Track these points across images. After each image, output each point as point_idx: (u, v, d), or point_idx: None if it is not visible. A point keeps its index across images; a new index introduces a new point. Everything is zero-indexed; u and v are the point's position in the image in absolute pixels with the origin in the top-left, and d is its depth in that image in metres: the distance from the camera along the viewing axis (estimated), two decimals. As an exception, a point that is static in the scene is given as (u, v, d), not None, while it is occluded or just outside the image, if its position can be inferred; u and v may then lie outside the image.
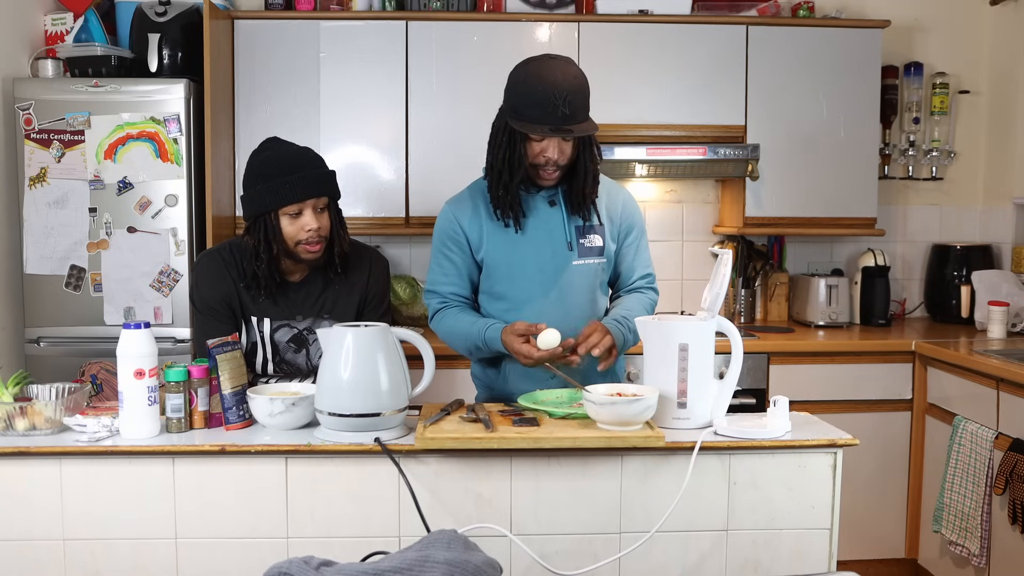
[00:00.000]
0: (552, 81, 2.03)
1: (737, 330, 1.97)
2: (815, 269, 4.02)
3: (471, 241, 2.25)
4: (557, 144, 2.10)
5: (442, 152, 3.57)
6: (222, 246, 2.34)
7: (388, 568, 1.27)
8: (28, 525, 1.84)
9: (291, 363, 2.32)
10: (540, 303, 2.22)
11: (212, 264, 2.29)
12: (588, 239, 2.23)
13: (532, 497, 1.86)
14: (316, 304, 2.30)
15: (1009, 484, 2.83)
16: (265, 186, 2.16)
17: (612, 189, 2.32)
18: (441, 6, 3.59)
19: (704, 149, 3.53)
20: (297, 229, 2.18)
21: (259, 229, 2.18)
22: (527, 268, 2.22)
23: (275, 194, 2.16)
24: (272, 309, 2.28)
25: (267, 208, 2.17)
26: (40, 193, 3.21)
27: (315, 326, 2.28)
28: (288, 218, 2.17)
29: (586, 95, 2.09)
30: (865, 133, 3.71)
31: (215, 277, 2.26)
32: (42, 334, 3.26)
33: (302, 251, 2.20)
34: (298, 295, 2.29)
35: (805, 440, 1.88)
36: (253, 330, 2.28)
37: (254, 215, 2.19)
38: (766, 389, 3.42)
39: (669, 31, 3.59)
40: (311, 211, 2.18)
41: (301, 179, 2.18)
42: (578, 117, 2.06)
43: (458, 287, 2.28)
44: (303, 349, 2.30)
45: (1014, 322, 3.60)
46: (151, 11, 3.41)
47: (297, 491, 1.85)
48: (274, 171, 2.17)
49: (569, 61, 2.11)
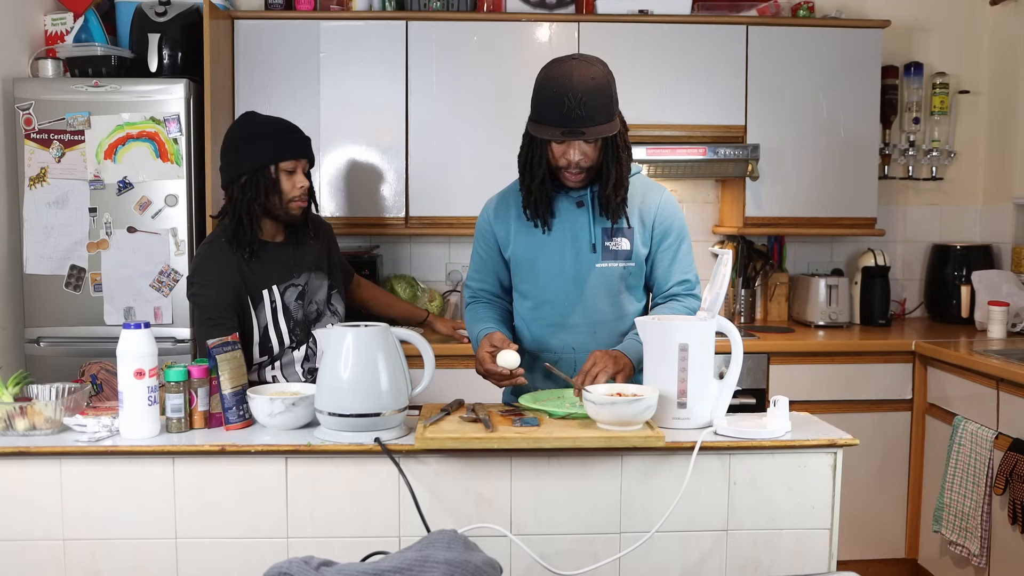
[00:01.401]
0: (567, 83, 2.01)
1: (737, 330, 1.97)
2: (815, 269, 4.02)
3: (499, 239, 2.29)
4: (577, 146, 2.08)
5: (442, 152, 3.57)
6: (211, 241, 2.43)
7: (388, 568, 1.27)
8: (28, 525, 1.84)
9: (300, 322, 2.43)
10: (561, 303, 2.23)
11: (213, 263, 2.35)
12: (615, 242, 2.20)
13: (532, 497, 1.86)
14: (304, 261, 2.45)
15: (1009, 484, 2.83)
16: (263, 142, 2.33)
17: (650, 191, 2.25)
18: (441, 6, 3.59)
19: (704, 149, 3.53)
20: (291, 185, 2.35)
21: (256, 183, 2.32)
22: (550, 268, 2.22)
23: (277, 149, 2.33)
24: (273, 274, 2.39)
25: (268, 161, 2.31)
26: (40, 193, 3.21)
27: (310, 280, 2.45)
28: (285, 174, 2.34)
29: (606, 96, 2.04)
30: (865, 133, 3.71)
31: (222, 272, 2.33)
32: (42, 334, 3.26)
33: (294, 207, 2.37)
34: (285, 255, 2.43)
35: (805, 440, 1.88)
36: (265, 310, 2.36)
37: (252, 169, 2.32)
38: (766, 389, 3.42)
39: (669, 31, 3.59)
40: (301, 171, 2.38)
41: (298, 139, 2.40)
42: (596, 119, 2.02)
43: (486, 283, 2.36)
44: (303, 303, 2.44)
45: (1014, 322, 3.60)
46: (151, 11, 3.41)
47: (297, 491, 1.85)
48: (269, 131, 2.37)
49: (593, 62, 2.08)
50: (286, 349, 2.41)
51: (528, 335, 2.29)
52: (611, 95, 2.07)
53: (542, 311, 2.25)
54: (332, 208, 3.56)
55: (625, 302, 2.25)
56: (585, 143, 2.08)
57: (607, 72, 2.08)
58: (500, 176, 3.55)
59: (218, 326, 2.26)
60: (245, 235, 2.33)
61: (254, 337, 2.36)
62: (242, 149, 2.34)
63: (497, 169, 3.57)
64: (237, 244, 2.34)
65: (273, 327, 2.38)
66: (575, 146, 2.08)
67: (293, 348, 2.42)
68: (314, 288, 2.46)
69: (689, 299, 2.24)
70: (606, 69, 2.09)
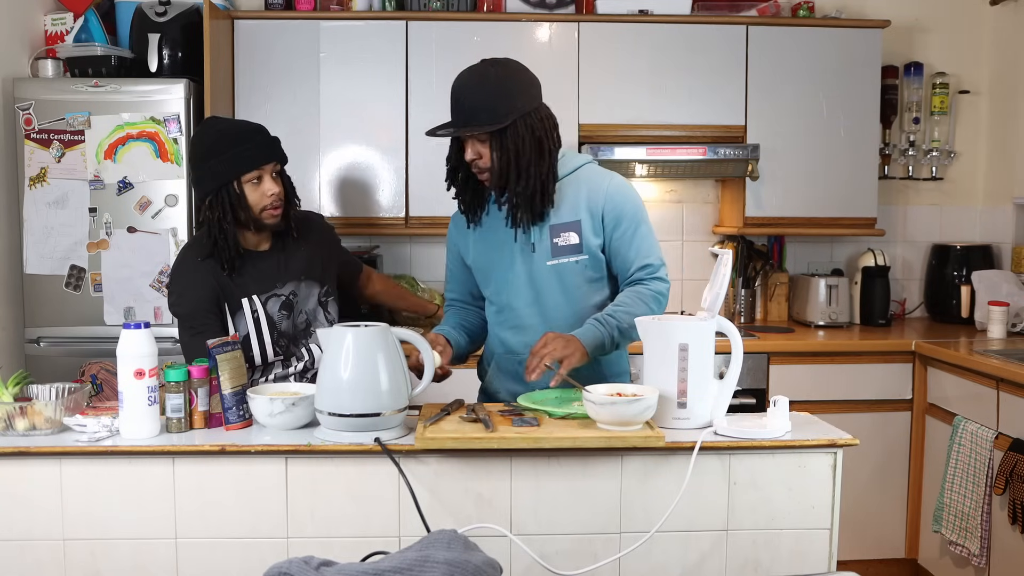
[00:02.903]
0: (457, 84, 2.10)
1: (737, 330, 1.97)
2: (815, 269, 4.02)
3: (460, 249, 2.34)
4: (471, 146, 2.11)
5: (442, 152, 3.49)
6: (186, 248, 2.42)
7: (388, 568, 1.27)
8: (28, 525, 1.84)
9: (286, 334, 2.37)
10: (519, 305, 2.23)
11: (188, 270, 2.33)
12: (562, 237, 2.17)
13: (532, 497, 1.86)
14: (289, 269, 2.38)
15: (1009, 484, 2.83)
16: (220, 158, 2.25)
17: (595, 180, 2.20)
18: (441, 6, 3.59)
19: (704, 149, 3.53)
20: (260, 196, 2.27)
21: (222, 202, 2.25)
22: (504, 272, 2.23)
23: (235, 163, 2.25)
24: (254, 284, 2.33)
25: (229, 178, 2.24)
26: (40, 193, 3.21)
27: (297, 290, 2.38)
28: (250, 186, 2.26)
29: (493, 95, 2.05)
30: (865, 133, 3.71)
31: (196, 282, 2.30)
32: (42, 334, 3.26)
33: (267, 216, 2.30)
34: (269, 264, 2.37)
35: (805, 440, 1.88)
36: (245, 319, 2.31)
37: (215, 188, 2.25)
38: (766, 389, 3.42)
39: (669, 31, 3.59)
40: (268, 177, 2.29)
41: (255, 147, 2.29)
42: (479, 117, 2.04)
43: (455, 292, 2.41)
44: (290, 313, 2.38)
45: (1014, 322, 3.60)
46: (151, 11, 3.41)
47: (297, 491, 1.85)
48: (226, 144, 2.26)
49: (498, 63, 2.10)
50: (270, 364, 2.35)
51: (496, 339, 2.31)
52: (505, 94, 2.05)
53: (503, 315, 2.26)
54: (332, 208, 3.56)
55: (589, 295, 2.21)
56: (479, 142, 2.09)
57: (508, 74, 2.08)
58: (500, 176, 3.57)
59: (200, 334, 2.22)
60: (224, 252, 2.27)
61: None
62: (202, 167, 2.28)
63: (497, 169, 3.57)
64: (218, 262, 2.29)
65: (256, 338, 2.32)
66: (470, 145, 2.11)
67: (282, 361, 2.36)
68: (303, 297, 2.39)
69: (654, 282, 2.17)
70: (507, 71, 2.09)
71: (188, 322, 2.29)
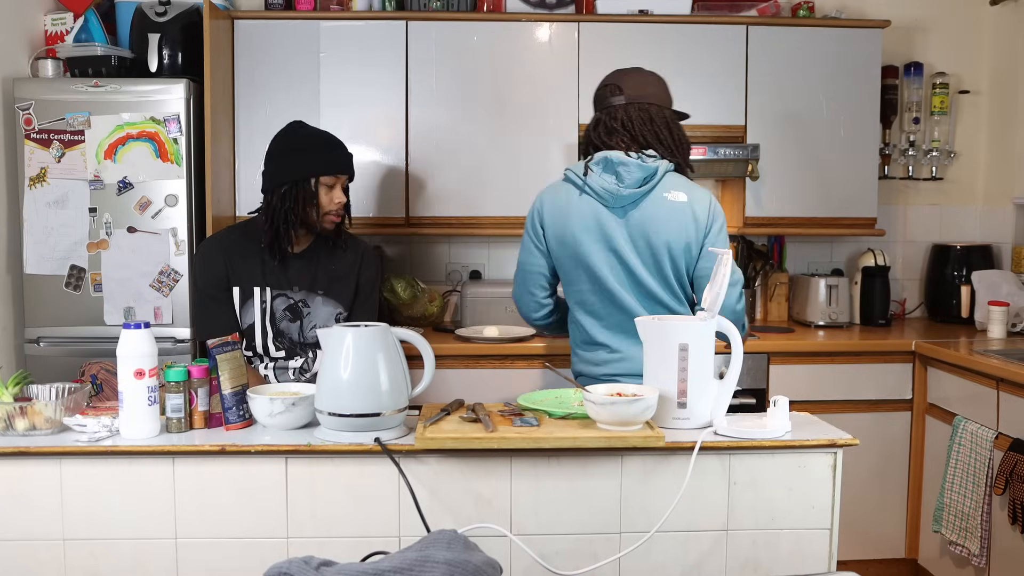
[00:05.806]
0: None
1: (737, 330, 1.97)
2: (815, 269, 4.02)
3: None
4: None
5: (442, 152, 3.57)
6: (224, 230, 2.58)
7: (388, 568, 1.27)
8: (28, 525, 1.84)
9: (285, 333, 2.47)
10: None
11: (207, 249, 2.52)
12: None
13: (532, 497, 1.86)
14: (311, 278, 2.49)
15: (1009, 484, 2.83)
16: (307, 155, 2.39)
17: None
18: (441, 6, 3.59)
19: (704, 149, 3.53)
20: (328, 200, 2.43)
21: (295, 195, 2.39)
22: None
23: (320, 164, 2.41)
24: (270, 279, 2.46)
25: (312, 173, 2.40)
26: (40, 193, 3.21)
27: (308, 300, 2.47)
28: (324, 188, 2.42)
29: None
30: (865, 133, 3.71)
31: (209, 260, 2.48)
32: (42, 334, 3.26)
33: (327, 221, 2.45)
34: (294, 267, 2.48)
35: (805, 440, 1.88)
36: (252, 307, 2.43)
37: (294, 181, 2.38)
38: (766, 389, 3.42)
39: (669, 31, 3.59)
40: (340, 187, 2.46)
41: (341, 156, 2.47)
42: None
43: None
44: (297, 320, 2.47)
45: (1014, 322, 3.60)
46: (151, 11, 3.41)
47: (297, 491, 1.85)
48: (316, 144, 2.44)
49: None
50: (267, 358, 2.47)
51: None
52: None
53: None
54: (332, 208, 3.57)
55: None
56: None
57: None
58: (500, 176, 3.58)
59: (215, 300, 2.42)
60: (280, 242, 2.43)
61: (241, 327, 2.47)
62: (287, 158, 2.42)
63: (498, 169, 3.58)
64: (269, 249, 2.44)
65: (260, 329, 2.46)
66: None
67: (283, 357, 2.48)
68: (315, 309, 2.49)
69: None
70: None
71: (207, 291, 2.48)
